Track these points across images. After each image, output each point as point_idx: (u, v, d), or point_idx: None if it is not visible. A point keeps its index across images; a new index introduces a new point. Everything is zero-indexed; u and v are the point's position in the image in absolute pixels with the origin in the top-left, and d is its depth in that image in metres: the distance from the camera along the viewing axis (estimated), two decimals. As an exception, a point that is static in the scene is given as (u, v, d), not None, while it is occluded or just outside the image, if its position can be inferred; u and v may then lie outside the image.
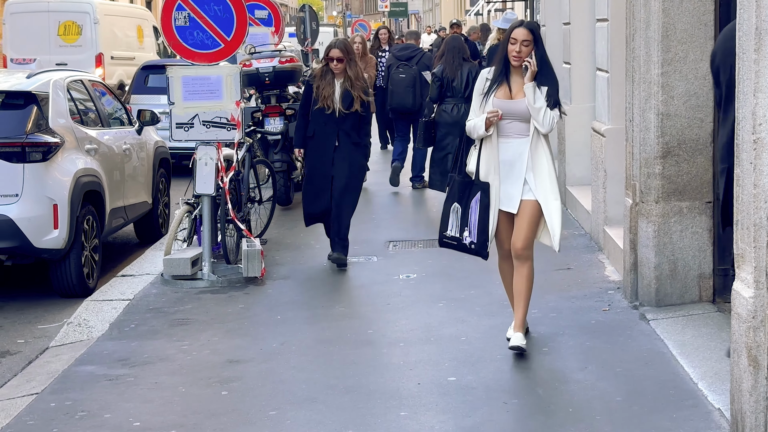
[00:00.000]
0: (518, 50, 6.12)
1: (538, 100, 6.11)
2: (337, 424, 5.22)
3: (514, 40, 6.15)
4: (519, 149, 6.16)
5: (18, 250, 8.06)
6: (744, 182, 4.67)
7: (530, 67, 6.10)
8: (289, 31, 21.08)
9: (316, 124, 8.64)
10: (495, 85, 6.22)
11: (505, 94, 6.20)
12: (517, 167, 6.16)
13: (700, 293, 6.83)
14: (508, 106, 6.16)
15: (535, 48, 6.13)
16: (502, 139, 6.20)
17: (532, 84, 6.12)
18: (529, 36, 6.14)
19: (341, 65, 8.58)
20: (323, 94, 8.58)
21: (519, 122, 6.17)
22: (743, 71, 4.69)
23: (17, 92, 8.39)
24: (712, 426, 5.02)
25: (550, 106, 6.12)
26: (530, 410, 5.33)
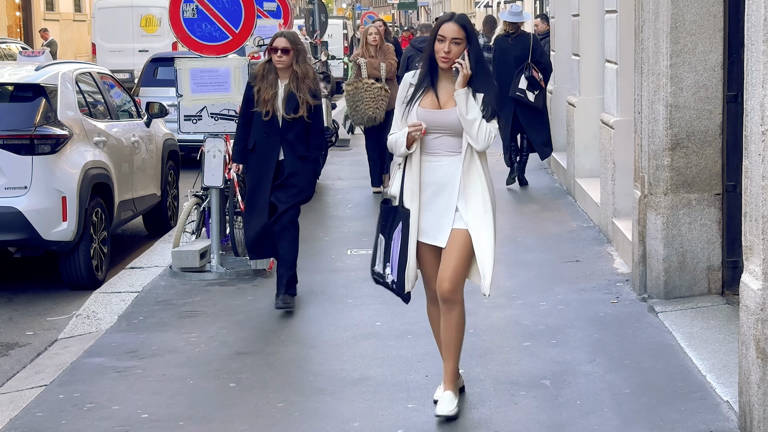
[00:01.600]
0: (447, 50, 5.07)
1: (472, 111, 5.04)
2: (344, 416, 5.22)
3: (441, 37, 5.09)
4: (449, 169, 5.12)
5: (27, 243, 8.08)
6: (752, 174, 4.66)
7: (461, 70, 5.05)
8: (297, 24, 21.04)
9: (257, 133, 7.26)
10: (420, 92, 5.16)
11: (432, 103, 5.14)
12: (447, 191, 5.12)
13: (709, 285, 6.82)
14: (435, 117, 5.11)
15: (468, 47, 5.10)
16: (429, 157, 5.14)
17: (464, 91, 5.06)
18: (461, 32, 5.08)
19: (286, 58, 7.15)
20: (263, 97, 7.17)
21: (449, 137, 5.12)
22: (752, 62, 4.67)
23: (26, 85, 8.40)
24: (720, 418, 5.01)
25: (486, 118, 5.06)
26: (538, 403, 5.33)
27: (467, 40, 5.11)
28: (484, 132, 5.06)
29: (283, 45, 7.17)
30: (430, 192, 5.15)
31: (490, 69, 5.34)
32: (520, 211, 10.49)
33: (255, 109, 7.19)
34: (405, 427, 5.09)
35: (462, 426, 5.07)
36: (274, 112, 7.14)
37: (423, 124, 5.06)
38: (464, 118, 5.04)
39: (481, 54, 5.20)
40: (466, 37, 5.11)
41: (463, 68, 5.06)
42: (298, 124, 7.17)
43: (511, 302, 7.18)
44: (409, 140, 5.10)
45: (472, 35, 5.15)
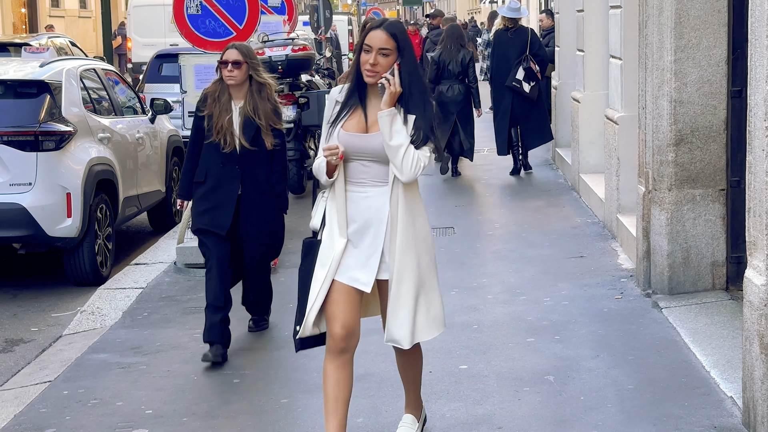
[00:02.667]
0: (373, 62, 4.34)
1: (397, 135, 4.33)
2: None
3: (367, 47, 4.37)
4: (375, 202, 4.44)
5: (32, 239, 8.09)
6: (756, 169, 4.65)
7: (388, 88, 4.31)
8: (302, 20, 21.06)
9: (210, 164, 6.18)
10: (345, 112, 4.47)
11: (358, 125, 4.45)
12: (374, 228, 4.45)
13: (713, 281, 6.81)
14: (359, 141, 4.42)
15: (399, 59, 4.36)
16: (354, 187, 4.46)
17: (389, 112, 4.33)
18: (390, 42, 4.35)
19: (238, 73, 6.08)
20: (217, 123, 6.10)
21: (375, 164, 4.43)
22: (755, 58, 4.66)
23: (30, 81, 8.41)
24: (724, 414, 5.00)
25: (416, 144, 4.36)
26: (542, 398, 5.33)
27: (398, 52, 4.37)
28: (411, 161, 4.34)
29: (235, 57, 6.09)
30: (354, 227, 4.46)
31: (426, 86, 4.51)
32: (524, 207, 10.48)
33: (208, 141, 6.15)
34: (408, 422, 5.08)
35: (465, 422, 5.07)
36: (231, 141, 6.12)
37: (340, 147, 4.35)
38: (387, 144, 4.34)
39: (416, 68, 4.44)
40: (396, 48, 4.36)
41: (390, 85, 4.32)
42: (262, 155, 6.15)
43: (514, 298, 7.18)
44: (328, 168, 4.42)
45: (404, 45, 4.39)
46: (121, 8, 39.90)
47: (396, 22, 4.50)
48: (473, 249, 8.73)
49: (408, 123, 4.38)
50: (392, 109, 4.36)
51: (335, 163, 4.39)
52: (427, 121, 4.40)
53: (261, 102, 6.13)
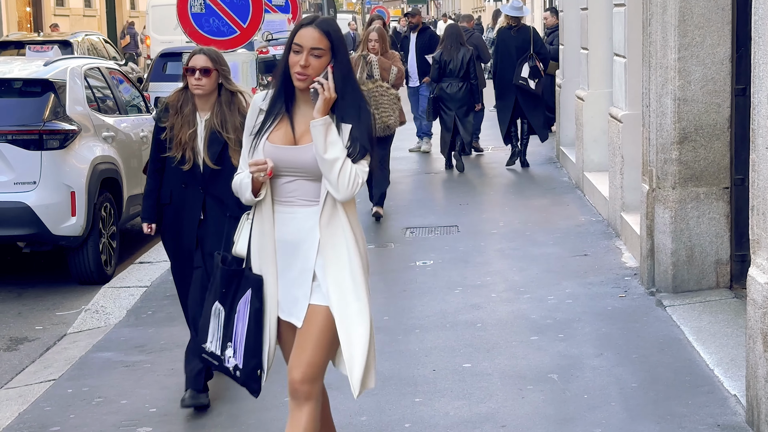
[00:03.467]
0: (304, 63, 3.82)
1: (332, 148, 3.82)
2: (351, 411, 5.23)
3: (297, 46, 3.85)
4: (305, 223, 3.91)
5: (36, 238, 8.10)
6: (760, 167, 4.65)
7: (321, 93, 3.80)
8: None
9: (173, 183, 5.49)
10: (271, 121, 3.94)
11: (285, 136, 3.92)
12: (303, 252, 3.92)
13: (717, 279, 6.80)
14: (286, 155, 3.89)
15: (333, 61, 3.86)
16: (282, 207, 3.94)
17: (323, 121, 3.81)
18: (323, 41, 3.84)
19: (207, 81, 5.34)
20: (178, 138, 5.38)
21: (305, 181, 3.91)
22: (759, 55, 4.66)
23: (35, 80, 8.42)
24: (728, 412, 5.00)
25: (353, 157, 3.85)
26: (546, 397, 5.33)
27: (332, 52, 3.87)
28: (347, 176, 3.82)
29: (203, 64, 5.34)
30: (283, 252, 3.94)
31: (361, 91, 4.00)
32: (528, 206, 10.48)
33: (168, 154, 5.43)
34: (412, 421, 5.09)
35: (469, 420, 5.07)
36: (194, 157, 5.38)
37: (269, 162, 3.85)
38: (321, 158, 3.81)
39: (351, 71, 3.94)
40: (330, 48, 3.86)
41: (324, 90, 3.80)
42: (228, 172, 4.89)
43: (518, 296, 7.18)
44: (254, 184, 3.90)
45: (338, 46, 3.89)
46: (125, 7, 39.95)
47: (330, 19, 4.00)
48: (477, 247, 8.73)
49: (343, 133, 3.85)
50: (327, 118, 3.82)
51: (262, 180, 3.87)
52: (363, 130, 3.89)
53: (230, 114, 5.37)
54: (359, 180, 3.85)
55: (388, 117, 9.68)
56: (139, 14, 40.71)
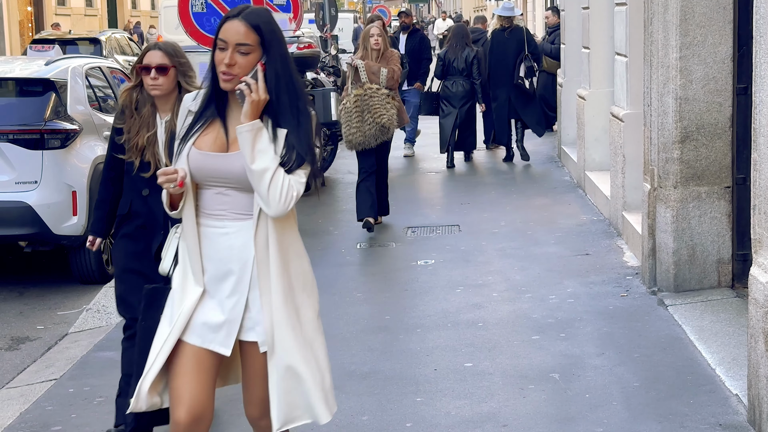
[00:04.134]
0: (229, 61, 3.42)
1: (261, 156, 3.39)
2: (353, 410, 5.23)
3: (222, 42, 3.45)
4: (236, 240, 3.51)
5: (37, 237, 8.10)
6: (761, 167, 4.65)
7: (248, 95, 3.39)
8: (308, 17, 21.07)
9: (133, 193, 4.96)
10: (200, 124, 3.53)
11: (215, 142, 3.52)
12: (235, 274, 3.52)
13: (719, 278, 6.80)
14: (216, 163, 3.49)
15: (264, 58, 3.44)
16: (210, 221, 3.54)
17: (251, 126, 3.40)
18: (251, 36, 3.42)
19: (164, 80, 4.80)
20: (135, 142, 4.86)
21: (238, 192, 3.50)
22: (760, 55, 4.66)
23: (36, 79, 8.42)
24: (729, 412, 5.00)
25: (287, 167, 3.42)
26: (547, 396, 5.33)
27: (262, 48, 3.44)
28: (279, 189, 3.39)
29: (160, 61, 4.79)
30: (211, 272, 3.54)
31: (301, 90, 3.51)
32: (529, 205, 10.47)
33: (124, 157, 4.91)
34: (414, 420, 5.09)
35: (470, 419, 5.07)
36: (158, 163, 4.82)
37: (180, 171, 3.44)
38: (248, 168, 3.39)
39: (288, 68, 3.47)
40: (260, 43, 3.43)
41: (251, 92, 3.39)
42: None
43: (520, 295, 7.18)
44: (170, 198, 3.52)
45: (270, 40, 3.45)
46: (126, 6, 39.96)
47: (260, 10, 3.53)
48: (478, 247, 8.73)
49: (278, 140, 3.43)
50: (255, 123, 3.39)
51: (175, 191, 3.45)
52: (302, 136, 3.44)
53: None
54: (293, 193, 3.41)
55: (381, 116, 9.10)
56: (140, 13, 40.73)
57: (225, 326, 3.52)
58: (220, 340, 3.52)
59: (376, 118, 9.05)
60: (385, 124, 9.09)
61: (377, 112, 9.07)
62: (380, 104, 9.11)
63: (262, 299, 3.49)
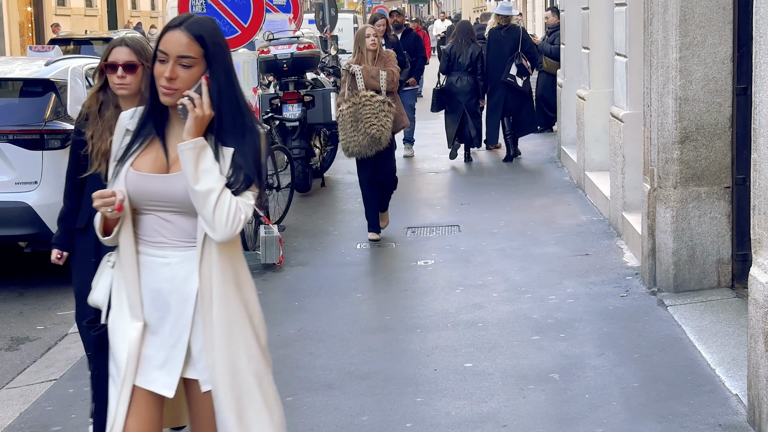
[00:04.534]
0: (170, 75, 3.18)
1: (206, 177, 3.15)
2: (353, 410, 5.23)
3: (162, 54, 3.20)
4: (179, 270, 3.26)
5: (37, 237, 8.10)
6: (761, 167, 4.65)
7: (192, 110, 3.15)
8: (308, 18, 21.07)
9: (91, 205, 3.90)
10: (139, 143, 3.28)
11: (155, 162, 3.27)
12: (177, 306, 3.27)
13: (719, 279, 6.80)
14: (156, 184, 3.24)
15: (208, 71, 3.21)
16: (151, 249, 3.29)
17: (194, 143, 3.16)
18: (194, 47, 3.19)
19: (132, 79, 4.39)
20: (98, 147, 4.44)
21: (181, 217, 3.25)
22: (760, 55, 4.66)
23: (36, 80, 8.42)
24: (729, 412, 5.00)
25: (234, 188, 3.19)
26: (547, 396, 5.33)
27: (206, 60, 3.20)
28: (226, 212, 3.14)
29: (127, 59, 4.39)
30: (152, 306, 3.28)
31: (246, 106, 3.28)
32: (529, 205, 10.47)
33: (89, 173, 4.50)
34: (413, 420, 5.09)
35: (470, 420, 5.07)
36: None
37: (119, 195, 3.18)
38: (192, 189, 3.15)
39: (232, 82, 3.25)
40: (203, 56, 3.19)
41: (195, 107, 3.15)
42: None
43: (520, 296, 7.18)
44: (105, 224, 3.25)
45: (215, 52, 3.22)
46: (126, 7, 39.96)
47: (204, 20, 3.29)
48: (478, 247, 8.73)
49: (223, 159, 3.19)
50: (198, 140, 3.16)
51: (112, 216, 3.20)
52: (249, 155, 3.21)
53: None
54: (241, 216, 3.16)
55: (371, 126, 8.69)
56: (140, 14, 40.74)
57: (168, 365, 3.26)
58: (164, 381, 3.27)
59: (367, 128, 8.70)
60: (375, 135, 8.70)
61: (368, 122, 8.71)
62: (372, 113, 8.73)
63: (205, 334, 3.22)
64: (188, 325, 3.26)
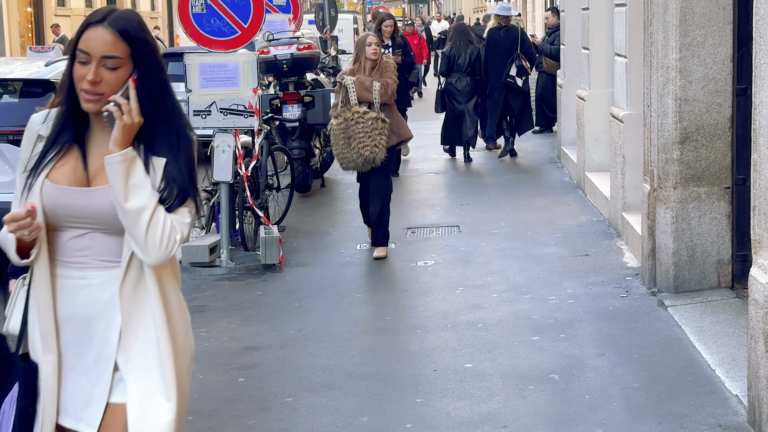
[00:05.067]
0: (93, 78, 2.81)
1: (137, 193, 2.81)
2: (353, 411, 5.23)
3: (83, 54, 2.82)
4: (101, 294, 2.90)
5: (37, 238, 8.10)
6: (761, 167, 4.65)
7: (118, 118, 2.80)
8: (308, 18, 21.06)
9: None
10: (54, 153, 2.93)
11: (74, 174, 2.91)
12: (100, 333, 2.91)
13: (719, 279, 6.80)
14: (75, 199, 2.89)
15: (136, 72, 2.86)
16: (70, 271, 2.92)
17: (122, 155, 2.80)
18: (120, 46, 2.83)
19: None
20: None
21: (102, 235, 2.89)
22: (760, 56, 4.66)
23: (35, 80, 8.42)
24: (729, 412, 4.99)
25: (168, 204, 2.85)
26: (547, 397, 5.33)
27: (134, 60, 2.85)
28: (160, 232, 2.81)
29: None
30: (72, 333, 2.92)
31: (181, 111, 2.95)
32: (529, 205, 10.47)
33: None
34: (413, 421, 5.09)
35: (470, 420, 5.07)
36: None
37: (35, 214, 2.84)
38: (121, 207, 2.80)
39: (166, 85, 2.91)
40: (131, 55, 2.84)
41: (122, 114, 2.80)
42: None
43: (520, 296, 7.17)
44: (20, 244, 2.86)
45: (144, 50, 2.86)
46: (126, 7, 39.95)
47: (129, 15, 2.90)
48: (478, 247, 8.73)
49: (155, 171, 2.84)
50: (128, 151, 2.81)
51: (27, 239, 2.83)
52: (183, 166, 2.87)
53: None
54: (177, 236, 2.83)
55: (364, 147, 8.26)
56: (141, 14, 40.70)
57: (92, 401, 2.90)
58: (88, 419, 2.90)
59: (361, 149, 8.27)
60: (368, 157, 8.29)
61: (362, 142, 8.28)
62: (365, 132, 8.28)
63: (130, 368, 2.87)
64: (111, 353, 2.89)
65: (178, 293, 3.00)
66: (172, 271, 2.97)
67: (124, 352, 2.89)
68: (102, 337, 2.90)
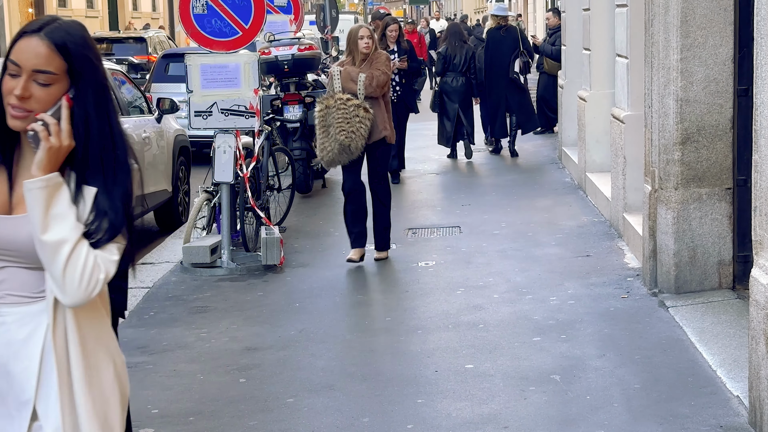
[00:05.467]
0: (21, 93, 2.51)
1: (57, 224, 2.49)
2: (354, 411, 5.23)
3: (14, 66, 2.52)
4: (20, 332, 2.59)
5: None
6: (762, 168, 4.65)
7: (44, 139, 2.49)
8: (309, 19, 21.08)
9: None
10: None
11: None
12: (17, 377, 2.60)
13: (720, 280, 6.79)
14: None
15: (73, 90, 2.55)
16: None
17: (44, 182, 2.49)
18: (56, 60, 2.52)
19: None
20: None
21: (23, 269, 2.58)
22: (761, 56, 4.66)
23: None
24: (731, 413, 4.99)
25: (95, 239, 2.53)
26: (548, 398, 5.32)
27: (70, 77, 2.55)
28: (80, 269, 2.49)
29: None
30: None
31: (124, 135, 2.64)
32: (530, 206, 10.47)
33: None
34: (414, 422, 5.09)
35: (471, 421, 5.07)
36: None
37: None
38: (38, 239, 2.49)
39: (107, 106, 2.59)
40: (67, 71, 2.54)
41: (48, 134, 2.49)
42: None
43: (521, 297, 7.17)
44: None
45: (83, 65, 2.55)
46: (127, 8, 39.97)
47: (71, 25, 2.58)
48: (479, 248, 8.73)
49: (83, 201, 2.54)
50: (51, 177, 2.50)
51: None
52: (117, 198, 2.57)
53: None
54: (100, 276, 2.50)
55: (340, 132, 7.88)
56: (141, 15, 40.74)
57: None
58: None
59: (337, 134, 7.88)
60: (343, 142, 7.88)
61: (339, 127, 7.88)
62: (344, 118, 7.89)
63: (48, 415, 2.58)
64: (30, 399, 2.58)
65: (104, 332, 2.66)
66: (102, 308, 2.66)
67: (45, 398, 2.58)
68: (20, 381, 2.58)
